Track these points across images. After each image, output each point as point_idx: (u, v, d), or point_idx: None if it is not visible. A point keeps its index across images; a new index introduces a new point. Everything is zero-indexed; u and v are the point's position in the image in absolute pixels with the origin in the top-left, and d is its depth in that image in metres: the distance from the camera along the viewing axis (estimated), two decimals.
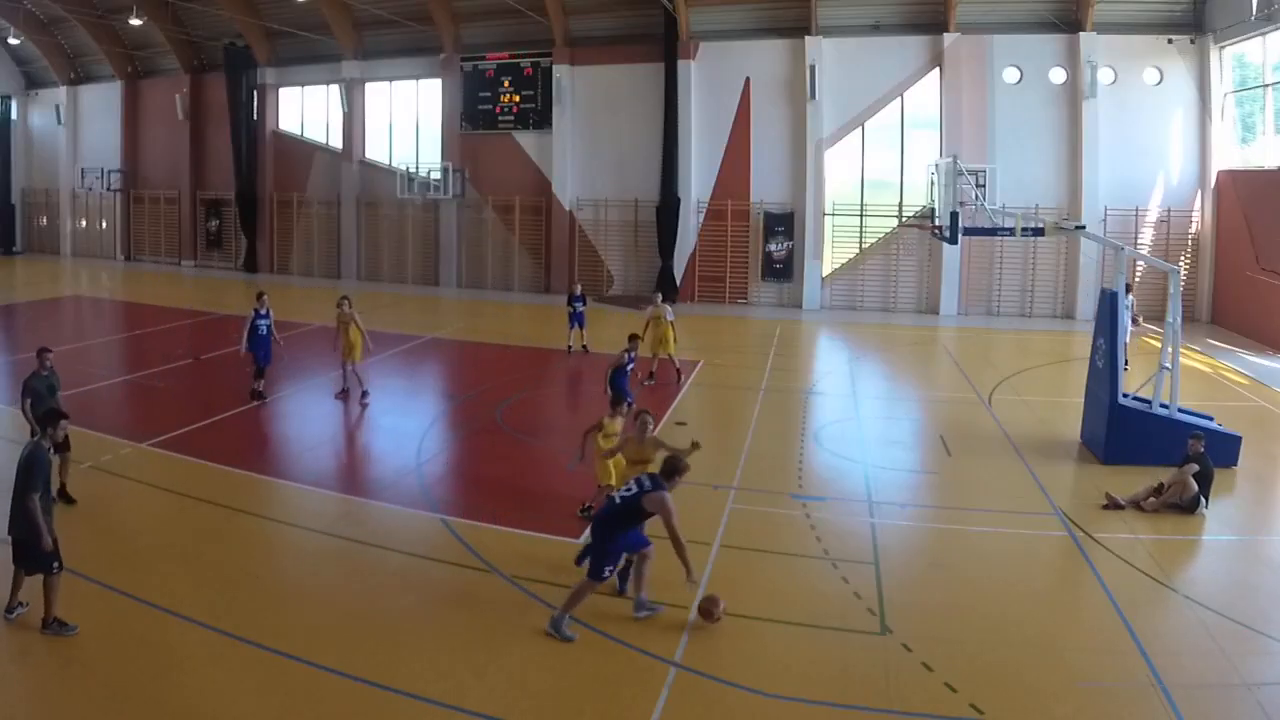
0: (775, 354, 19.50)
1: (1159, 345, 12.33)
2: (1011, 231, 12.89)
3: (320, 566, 8.67)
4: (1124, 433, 11.68)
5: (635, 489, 7.13)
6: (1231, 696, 6.45)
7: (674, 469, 7.19)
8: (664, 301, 16.93)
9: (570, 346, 19.00)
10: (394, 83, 31.02)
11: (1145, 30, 23.41)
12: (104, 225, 37.38)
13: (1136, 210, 23.77)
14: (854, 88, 25.10)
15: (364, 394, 14.55)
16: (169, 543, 8.97)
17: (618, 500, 7.21)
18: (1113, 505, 10.10)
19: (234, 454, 11.67)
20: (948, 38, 24.10)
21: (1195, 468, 9.90)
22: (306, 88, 32.63)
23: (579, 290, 19.26)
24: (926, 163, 21.14)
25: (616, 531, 7.10)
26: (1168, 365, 11.71)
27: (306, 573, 8.52)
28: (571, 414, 15.41)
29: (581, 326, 18.97)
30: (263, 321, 14.33)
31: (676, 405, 14.99)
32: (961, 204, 14.18)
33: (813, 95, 25.07)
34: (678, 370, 16.44)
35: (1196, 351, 19.16)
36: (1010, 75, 24.30)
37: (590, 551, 7.37)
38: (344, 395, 14.72)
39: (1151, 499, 10.02)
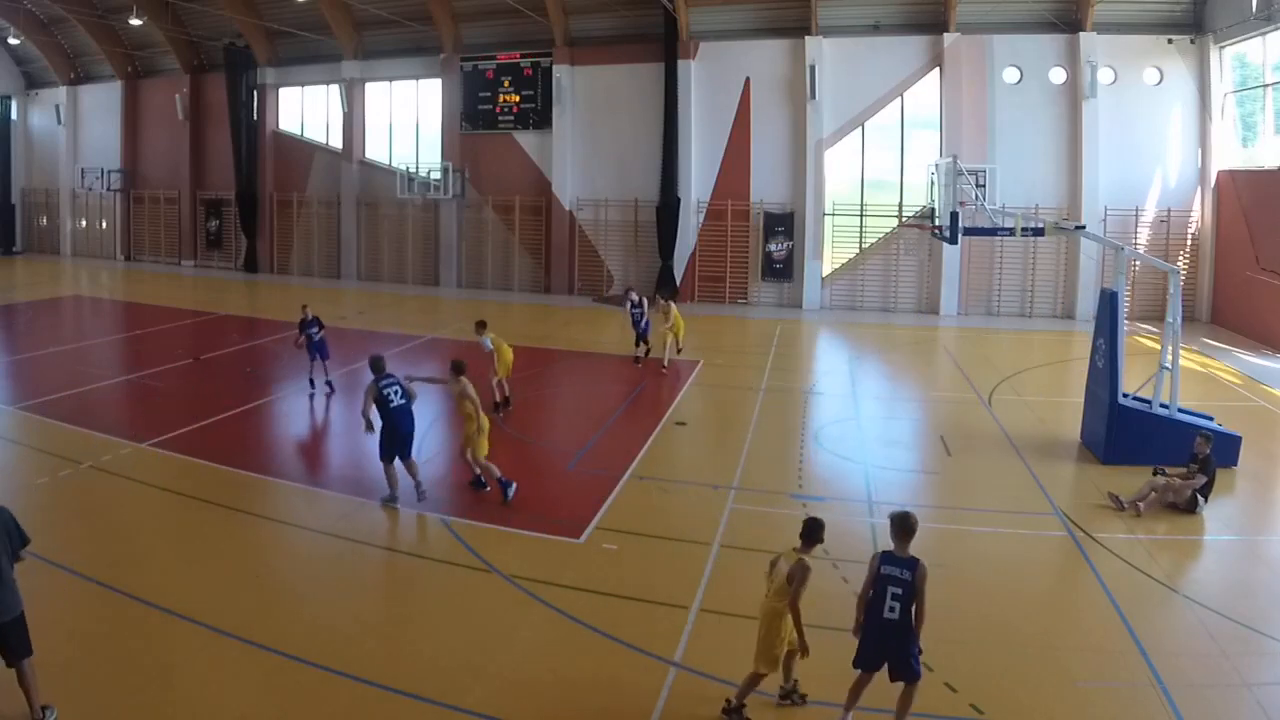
0: (775, 354, 19.49)
1: (1157, 345, 12.33)
2: (1011, 231, 12.89)
3: (320, 566, 8.68)
4: (1124, 433, 11.68)
5: None
6: (1231, 696, 6.45)
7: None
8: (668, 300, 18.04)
9: (638, 357, 18.15)
10: (394, 83, 31.01)
11: (1145, 30, 23.40)
12: (104, 225, 37.38)
13: (1136, 210, 23.76)
14: (854, 88, 25.09)
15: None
16: (169, 543, 8.97)
17: None
18: (1116, 504, 10.14)
19: (234, 454, 11.67)
20: (948, 38, 24.09)
21: (1204, 479, 9.87)
22: (306, 88, 32.63)
23: (637, 297, 18.18)
24: (926, 163, 21.09)
25: None
26: (1168, 365, 11.71)
27: (306, 573, 8.52)
28: (571, 414, 15.40)
29: (643, 333, 18.08)
30: (394, 391, 10.03)
31: (677, 405, 14.99)
32: (961, 204, 14.16)
33: (813, 95, 25.07)
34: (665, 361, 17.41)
35: (1196, 351, 19.15)
36: (1010, 75, 24.29)
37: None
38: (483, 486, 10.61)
39: (1152, 494, 10.04)
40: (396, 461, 10.03)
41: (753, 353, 19.68)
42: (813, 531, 6.10)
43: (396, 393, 10.03)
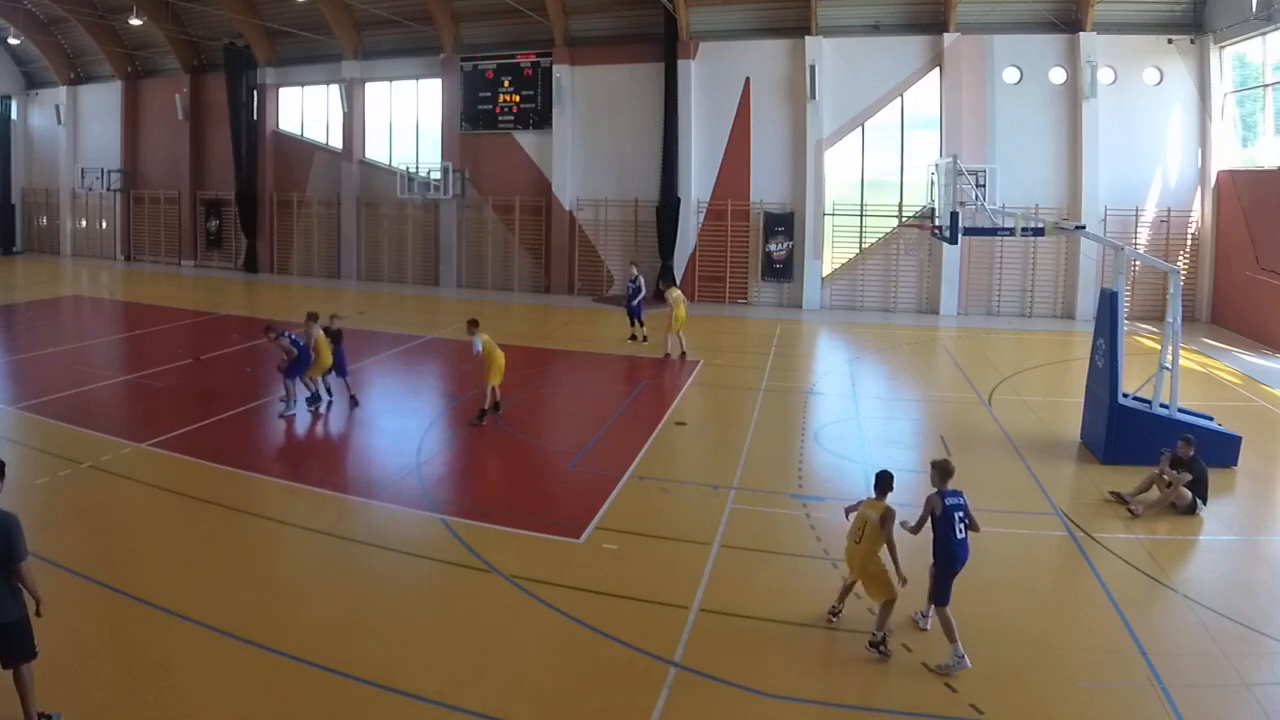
0: (775, 354, 19.49)
1: (1157, 345, 12.33)
2: (1011, 231, 12.89)
3: (320, 566, 8.67)
4: (1124, 433, 11.68)
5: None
6: (1231, 696, 6.45)
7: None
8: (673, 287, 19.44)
9: (633, 336, 20.33)
10: (394, 83, 31.01)
11: (1145, 30, 23.40)
12: (104, 225, 37.39)
13: (1136, 210, 23.76)
14: (854, 88, 25.09)
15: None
16: (169, 543, 8.97)
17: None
18: (1118, 499, 10.19)
19: (234, 454, 11.67)
20: (948, 38, 24.10)
21: (1188, 477, 9.89)
22: (306, 88, 32.62)
23: (635, 272, 20.64)
24: (926, 163, 21.12)
25: None
26: (1168, 365, 11.71)
27: (306, 573, 8.52)
28: (571, 414, 15.40)
29: (637, 316, 20.25)
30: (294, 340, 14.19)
31: (677, 405, 14.99)
32: (961, 204, 14.16)
33: (813, 95, 25.07)
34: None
35: (1196, 351, 19.15)
36: (1010, 75, 24.29)
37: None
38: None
39: (1153, 490, 10.08)
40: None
41: (753, 353, 19.69)
42: (887, 482, 7.36)
43: (296, 343, 13.86)
